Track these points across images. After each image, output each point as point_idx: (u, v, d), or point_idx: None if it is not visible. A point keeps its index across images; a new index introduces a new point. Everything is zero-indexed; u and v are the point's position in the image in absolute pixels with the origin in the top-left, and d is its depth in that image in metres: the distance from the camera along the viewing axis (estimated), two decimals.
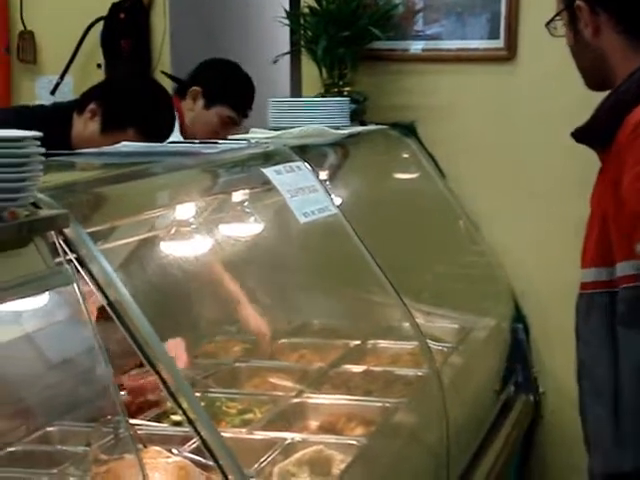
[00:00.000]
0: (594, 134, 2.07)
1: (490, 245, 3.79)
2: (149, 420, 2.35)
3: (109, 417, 1.93)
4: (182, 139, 3.50)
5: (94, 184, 2.01)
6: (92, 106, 2.95)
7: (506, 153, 3.77)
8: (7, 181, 1.34)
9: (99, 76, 4.25)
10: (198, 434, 1.60)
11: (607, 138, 1.99)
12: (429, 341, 2.74)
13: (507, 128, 3.78)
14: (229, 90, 3.76)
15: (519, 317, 3.76)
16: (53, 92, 4.42)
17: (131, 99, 2.96)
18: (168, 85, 3.88)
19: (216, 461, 1.60)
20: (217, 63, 3.89)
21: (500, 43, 3.78)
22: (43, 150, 1.41)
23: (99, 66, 4.44)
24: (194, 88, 3.75)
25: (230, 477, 1.59)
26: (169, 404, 2.40)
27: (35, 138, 1.39)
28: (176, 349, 2.71)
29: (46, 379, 1.93)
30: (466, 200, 3.80)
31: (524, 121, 3.75)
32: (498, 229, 3.77)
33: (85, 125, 2.96)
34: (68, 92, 4.32)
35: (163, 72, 4.27)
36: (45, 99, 4.25)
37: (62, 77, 4.46)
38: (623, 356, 1.98)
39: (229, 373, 2.83)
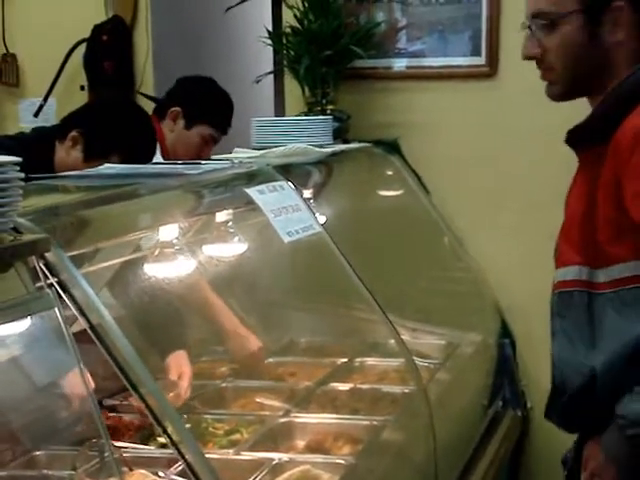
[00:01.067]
0: (590, 133, 2.06)
1: (475, 260, 3.80)
2: (136, 442, 2.34)
3: (94, 440, 1.92)
4: (162, 160, 3.48)
5: (76, 207, 2.00)
6: (74, 134, 2.91)
7: (489, 168, 3.79)
8: None
9: (83, 98, 4.25)
10: (182, 457, 1.59)
11: (602, 137, 1.99)
12: (415, 358, 2.74)
13: (490, 143, 3.79)
14: (209, 108, 3.73)
15: (506, 332, 3.77)
16: (36, 114, 4.42)
17: (113, 127, 2.92)
18: (148, 105, 3.88)
19: None
20: (194, 81, 3.85)
21: (482, 60, 3.81)
22: (22, 175, 1.41)
23: (82, 88, 4.44)
24: (174, 109, 3.71)
25: None
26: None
27: (14, 163, 1.39)
28: (180, 363, 2.71)
29: (30, 404, 1.92)
30: (450, 216, 3.81)
31: (506, 136, 3.77)
32: (483, 244, 3.78)
33: (67, 153, 2.93)
34: (51, 114, 4.31)
35: (140, 93, 4.27)
36: (28, 122, 4.25)
37: (45, 99, 4.46)
38: (609, 348, 1.99)
39: (215, 394, 2.83)
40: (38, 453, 2.19)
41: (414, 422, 2.63)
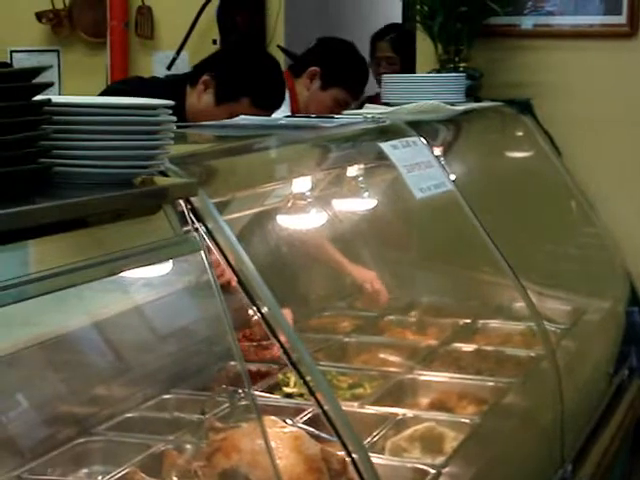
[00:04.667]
0: None
1: (606, 226, 3.70)
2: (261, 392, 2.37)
3: (227, 386, 1.95)
4: None
5: (215, 155, 2.03)
6: (205, 77, 2.97)
7: (625, 132, 3.67)
8: (140, 148, 1.35)
9: None
10: (320, 406, 1.60)
11: None
12: (545, 322, 2.70)
13: (627, 106, 3.68)
14: (347, 73, 3.72)
15: (635, 300, 3.67)
16: (169, 67, 4.48)
17: (244, 69, 2.97)
18: (281, 60, 3.88)
19: (337, 433, 1.60)
20: (336, 44, 3.83)
21: (622, 19, 3.69)
22: (174, 119, 1.42)
23: (214, 42, 4.48)
24: (313, 68, 3.71)
25: (350, 449, 1.59)
26: (280, 376, 2.44)
27: (167, 107, 1.40)
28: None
29: (171, 346, 1.96)
30: (582, 179, 3.71)
31: None
32: (615, 209, 3.69)
33: (199, 97, 2.98)
34: (184, 67, 4.36)
35: (280, 47, 4.27)
36: (161, 74, 4.30)
37: (178, 52, 4.52)
38: None
39: (338, 348, 2.83)
40: (168, 396, 2.24)
41: (542, 386, 2.59)
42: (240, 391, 2.06)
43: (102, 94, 3.04)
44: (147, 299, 1.66)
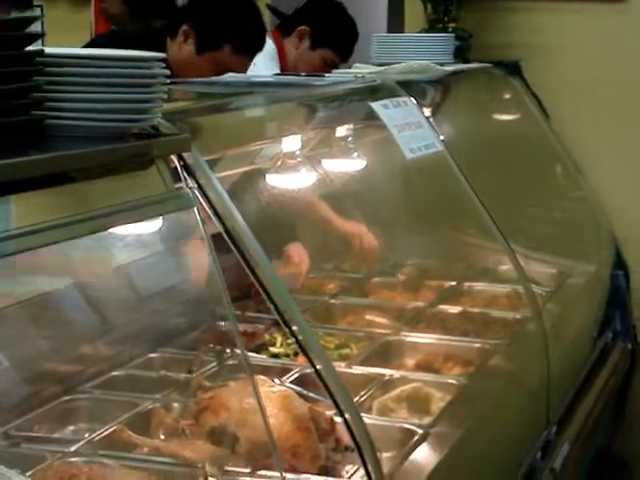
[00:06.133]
0: None
1: (593, 189, 3.70)
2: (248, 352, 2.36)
3: (214, 345, 1.95)
4: None
5: (203, 112, 2.00)
6: (184, 28, 2.91)
7: (614, 95, 3.67)
8: (134, 101, 1.33)
9: None
10: (312, 365, 1.59)
11: None
12: (532, 284, 2.70)
13: (616, 70, 3.67)
14: (336, 35, 3.67)
15: (620, 263, 3.68)
16: None
17: (222, 15, 2.91)
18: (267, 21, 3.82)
19: (329, 392, 1.59)
20: (326, 4, 3.80)
21: None
22: (167, 72, 1.39)
23: None
24: (302, 27, 3.67)
25: (342, 408, 1.59)
26: (267, 336, 2.44)
27: (159, 59, 1.37)
28: (299, 252, 2.72)
29: (161, 304, 1.94)
30: (570, 142, 3.71)
31: (634, 63, 3.64)
32: (603, 173, 3.69)
33: (180, 48, 2.92)
34: None
35: (268, 6, 4.22)
36: None
37: None
38: None
39: (325, 309, 2.82)
40: (155, 355, 2.23)
41: (528, 348, 2.60)
42: (228, 350, 2.05)
43: (87, 46, 2.99)
44: (138, 256, 1.64)
